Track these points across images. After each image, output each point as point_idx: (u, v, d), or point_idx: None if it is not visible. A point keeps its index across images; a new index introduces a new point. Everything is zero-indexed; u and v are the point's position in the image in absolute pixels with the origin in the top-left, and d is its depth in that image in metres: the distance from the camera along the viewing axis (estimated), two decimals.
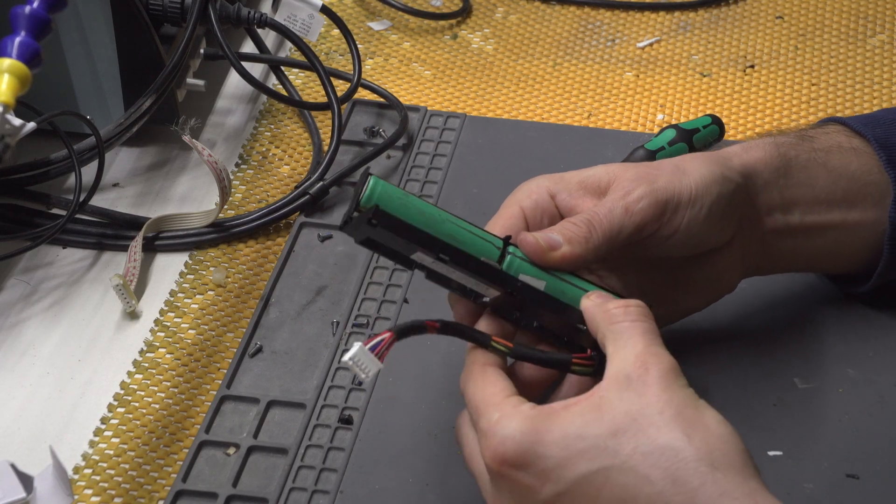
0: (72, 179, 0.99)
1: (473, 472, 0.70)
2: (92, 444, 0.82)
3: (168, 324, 0.90)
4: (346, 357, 0.66)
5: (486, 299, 0.73)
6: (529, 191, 0.77)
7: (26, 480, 0.72)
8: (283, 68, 1.12)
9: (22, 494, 0.71)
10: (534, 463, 0.64)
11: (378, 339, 0.67)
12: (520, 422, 0.65)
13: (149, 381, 0.86)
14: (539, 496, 0.65)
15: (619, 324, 0.69)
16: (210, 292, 0.92)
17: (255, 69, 1.11)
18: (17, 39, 0.87)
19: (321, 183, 0.99)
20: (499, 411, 0.66)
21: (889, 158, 0.83)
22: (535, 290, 0.73)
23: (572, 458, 0.64)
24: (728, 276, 0.81)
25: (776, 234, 0.82)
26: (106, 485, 0.79)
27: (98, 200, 0.98)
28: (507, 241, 0.74)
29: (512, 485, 0.65)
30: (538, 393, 0.74)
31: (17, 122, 0.85)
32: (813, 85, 1.12)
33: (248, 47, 1.14)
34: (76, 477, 0.79)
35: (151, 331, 0.89)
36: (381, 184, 0.71)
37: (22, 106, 0.87)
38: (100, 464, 0.80)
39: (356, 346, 0.66)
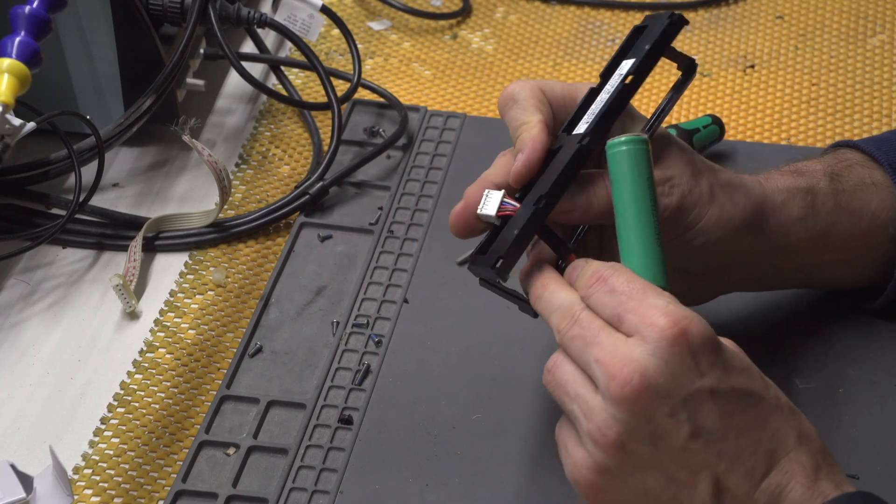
0: (71, 179, 0.99)
1: (600, 346, 0.66)
2: (92, 444, 0.82)
3: (168, 324, 0.90)
4: None
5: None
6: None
7: (26, 480, 0.72)
8: (283, 68, 1.12)
9: (22, 494, 0.71)
10: (710, 352, 0.65)
11: None
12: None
13: (149, 381, 0.86)
14: (696, 384, 0.65)
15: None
16: (210, 292, 0.92)
17: (255, 69, 1.11)
18: (17, 39, 0.88)
19: (321, 183, 0.99)
20: (674, 302, 0.66)
21: None
22: None
23: (737, 369, 0.66)
24: (700, 294, 0.82)
25: (776, 270, 0.83)
26: (106, 485, 0.79)
27: (98, 200, 0.98)
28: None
29: (678, 360, 0.65)
30: None
31: (17, 122, 0.86)
32: (813, 85, 1.12)
33: (248, 47, 1.14)
34: (76, 477, 0.79)
35: (151, 331, 0.89)
36: None
37: (22, 106, 0.87)
38: (100, 464, 0.80)
39: None
